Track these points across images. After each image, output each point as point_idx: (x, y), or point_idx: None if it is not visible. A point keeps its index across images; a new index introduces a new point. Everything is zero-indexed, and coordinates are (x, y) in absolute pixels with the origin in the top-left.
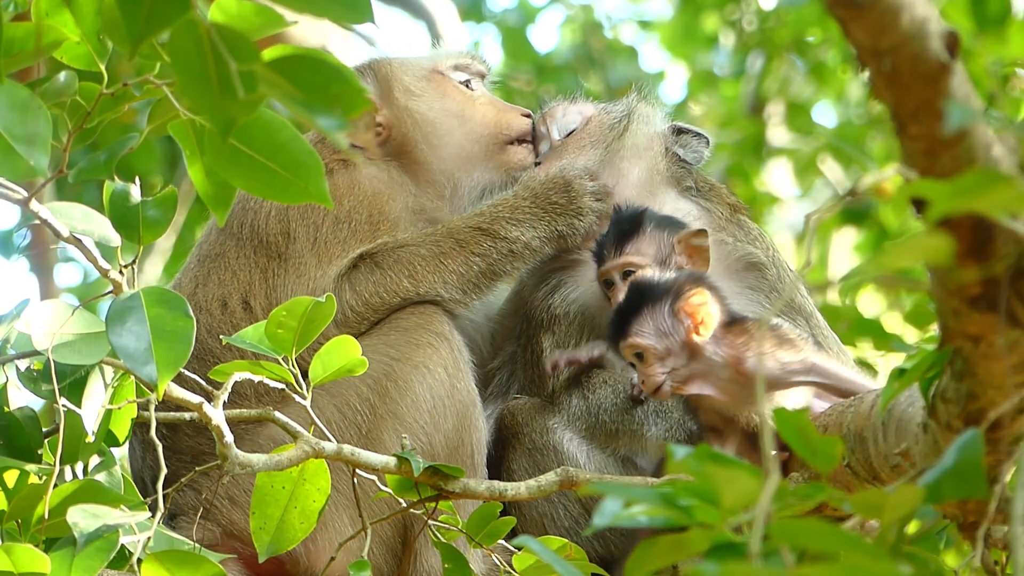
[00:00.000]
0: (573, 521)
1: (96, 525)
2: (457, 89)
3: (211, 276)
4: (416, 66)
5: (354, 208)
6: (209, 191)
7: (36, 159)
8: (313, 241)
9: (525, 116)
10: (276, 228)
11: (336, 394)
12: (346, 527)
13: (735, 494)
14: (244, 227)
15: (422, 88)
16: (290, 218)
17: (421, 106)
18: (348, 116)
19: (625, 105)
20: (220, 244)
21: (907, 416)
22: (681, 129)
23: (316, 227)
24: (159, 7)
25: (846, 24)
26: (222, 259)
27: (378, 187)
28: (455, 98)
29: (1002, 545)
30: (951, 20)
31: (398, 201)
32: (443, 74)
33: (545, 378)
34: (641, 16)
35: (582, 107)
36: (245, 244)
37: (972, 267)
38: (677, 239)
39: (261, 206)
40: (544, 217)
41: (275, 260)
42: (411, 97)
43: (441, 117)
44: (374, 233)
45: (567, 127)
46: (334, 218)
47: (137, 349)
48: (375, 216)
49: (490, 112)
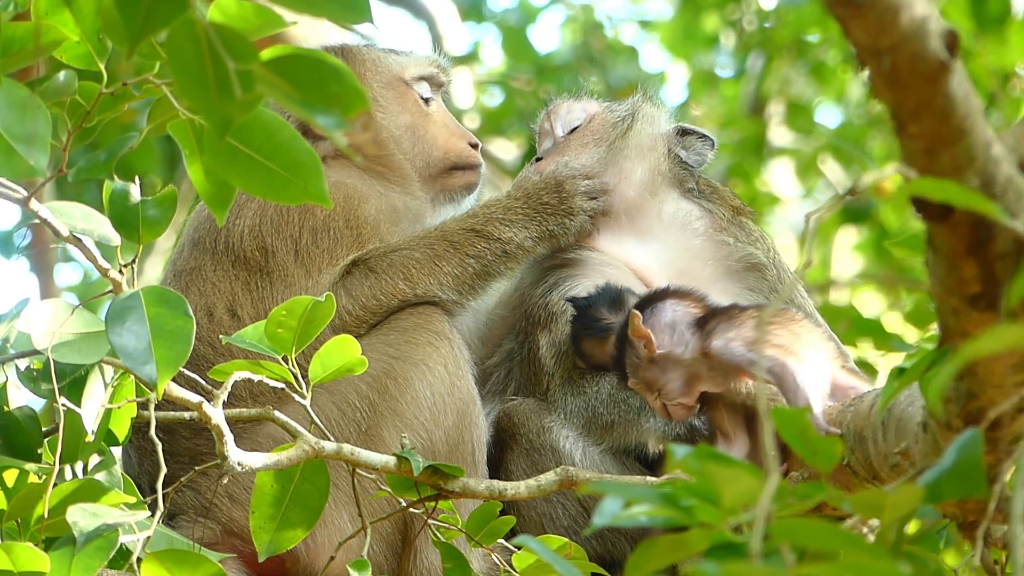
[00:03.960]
0: (572, 520)
1: (96, 524)
2: (416, 104)
3: (190, 288)
4: (384, 70)
5: (329, 216)
6: (208, 191)
7: (35, 158)
8: (295, 254)
9: (472, 145)
10: (251, 244)
11: (336, 392)
12: (346, 526)
13: (735, 494)
14: (218, 243)
15: (386, 97)
16: (264, 233)
17: (380, 115)
18: (346, 116)
19: (630, 104)
20: (194, 259)
21: (907, 416)
22: (686, 130)
23: (294, 240)
24: (157, 7)
25: (846, 23)
26: (198, 272)
27: (347, 192)
28: (412, 113)
29: (1002, 544)
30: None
31: (371, 202)
32: (407, 84)
33: (542, 375)
34: (641, 16)
35: (586, 104)
36: (221, 259)
37: (972, 266)
38: None
39: (234, 225)
40: (536, 217)
41: (256, 274)
42: (375, 105)
43: (397, 130)
44: (358, 238)
45: (571, 124)
46: (311, 229)
47: (137, 348)
48: (352, 221)
49: (440, 135)
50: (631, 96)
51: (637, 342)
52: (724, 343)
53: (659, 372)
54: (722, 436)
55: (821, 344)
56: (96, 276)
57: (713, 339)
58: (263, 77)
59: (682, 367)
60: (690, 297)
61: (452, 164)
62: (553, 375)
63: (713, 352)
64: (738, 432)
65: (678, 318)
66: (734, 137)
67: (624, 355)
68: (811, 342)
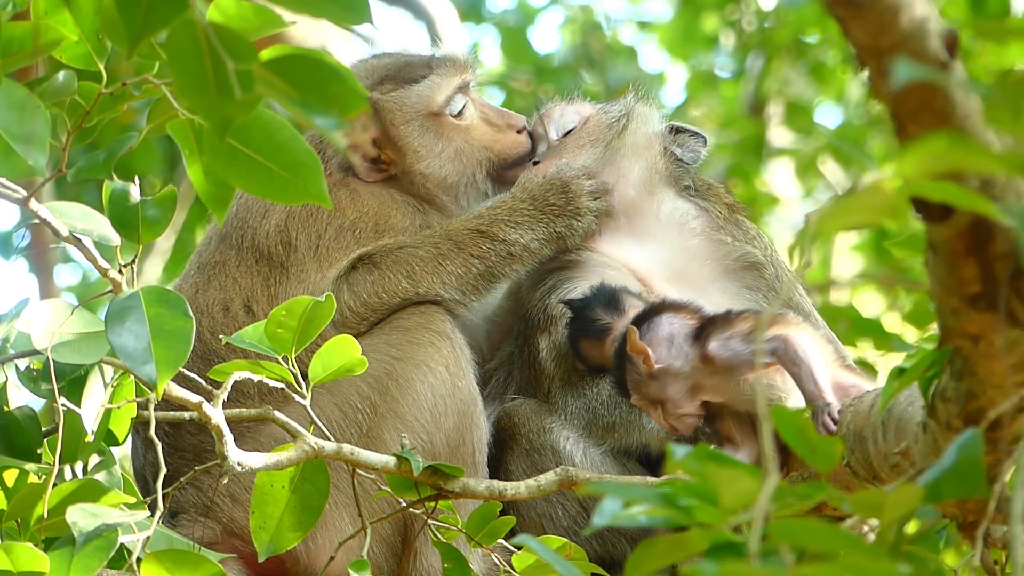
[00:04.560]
0: (572, 521)
1: (95, 524)
2: (454, 127)
3: (211, 282)
4: (411, 114)
5: (359, 218)
6: (208, 191)
7: (35, 158)
8: (315, 249)
9: (520, 132)
10: (277, 240)
11: (337, 393)
12: (346, 526)
13: (734, 494)
14: (244, 239)
15: (424, 144)
16: (291, 228)
17: (426, 163)
18: (345, 116)
19: (623, 105)
20: (220, 253)
21: (907, 416)
22: (679, 128)
23: (318, 235)
24: (157, 7)
25: (845, 24)
26: (222, 267)
27: (383, 200)
28: (452, 139)
29: (1001, 544)
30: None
31: (407, 215)
32: (438, 114)
33: (542, 378)
34: (640, 17)
35: (580, 107)
36: (246, 255)
37: (972, 266)
38: None
39: (261, 224)
40: (542, 219)
41: (277, 269)
42: (416, 157)
43: (443, 168)
44: (377, 240)
45: (565, 127)
46: (337, 227)
47: (136, 348)
48: (381, 226)
49: (484, 140)
50: (623, 96)
51: (636, 358)
52: (721, 343)
53: (660, 386)
54: (729, 443)
55: (820, 345)
56: (96, 276)
57: (710, 343)
58: (263, 77)
59: (683, 379)
60: (685, 309)
61: (504, 164)
62: (554, 378)
63: (712, 355)
64: (746, 439)
65: (675, 331)
66: (734, 137)
67: (625, 373)
68: (808, 346)
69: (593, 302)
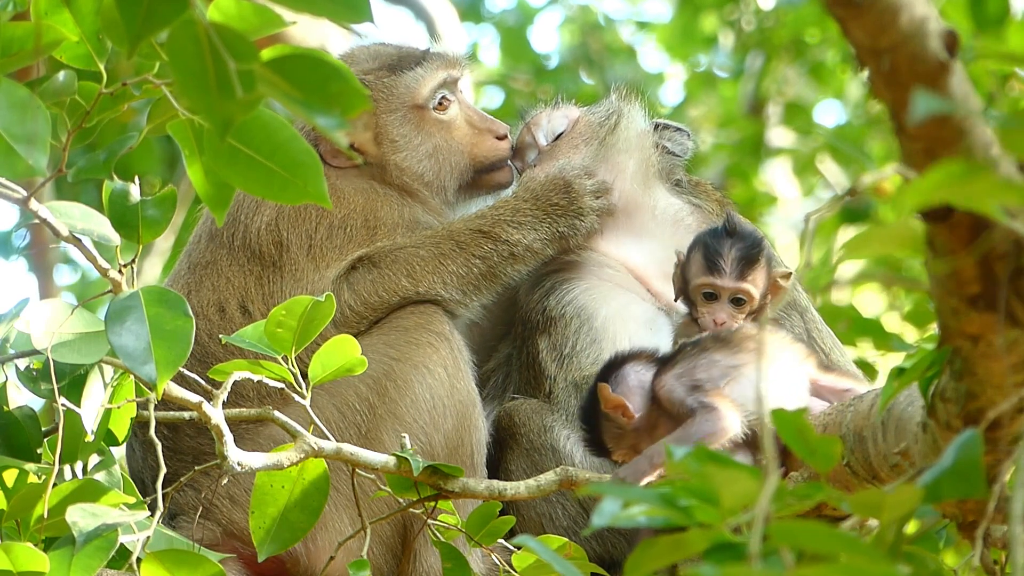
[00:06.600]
0: (571, 521)
1: (95, 524)
2: (436, 123)
3: (204, 283)
4: (396, 103)
5: (348, 215)
6: (208, 191)
7: (35, 158)
8: (308, 248)
9: (500, 139)
10: (268, 239)
11: (336, 394)
12: (346, 526)
13: (734, 494)
14: (236, 238)
15: (404, 135)
16: (281, 228)
17: (403, 154)
18: (346, 115)
19: (609, 103)
20: (211, 252)
21: (906, 416)
22: (664, 125)
23: (309, 235)
24: (157, 6)
25: (845, 23)
26: (214, 267)
27: (369, 195)
28: (433, 135)
29: (1001, 544)
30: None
31: (394, 209)
32: (422, 107)
33: (542, 379)
34: (639, 17)
35: (566, 111)
36: (238, 254)
37: (972, 266)
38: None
39: (252, 220)
40: (545, 219)
41: (269, 268)
42: (395, 147)
43: (421, 163)
44: (372, 238)
45: (554, 131)
46: (328, 225)
47: (136, 348)
48: (371, 221)
49: (465, 142)
50: (607, 97)
51: (613, 413)
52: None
53: (641, 435)
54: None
55: (786, 348)
56: (95, 276)
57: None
58: (263, 77)
59: (660, 421)
60: (643, 356)
61: (481, 167)
62: (555, 379)
63: (659, 396)
64: (736, 451)
65: (642, 378)
66: (732, 137)
67: (602, 431)
68: (774, 351)
69: None
